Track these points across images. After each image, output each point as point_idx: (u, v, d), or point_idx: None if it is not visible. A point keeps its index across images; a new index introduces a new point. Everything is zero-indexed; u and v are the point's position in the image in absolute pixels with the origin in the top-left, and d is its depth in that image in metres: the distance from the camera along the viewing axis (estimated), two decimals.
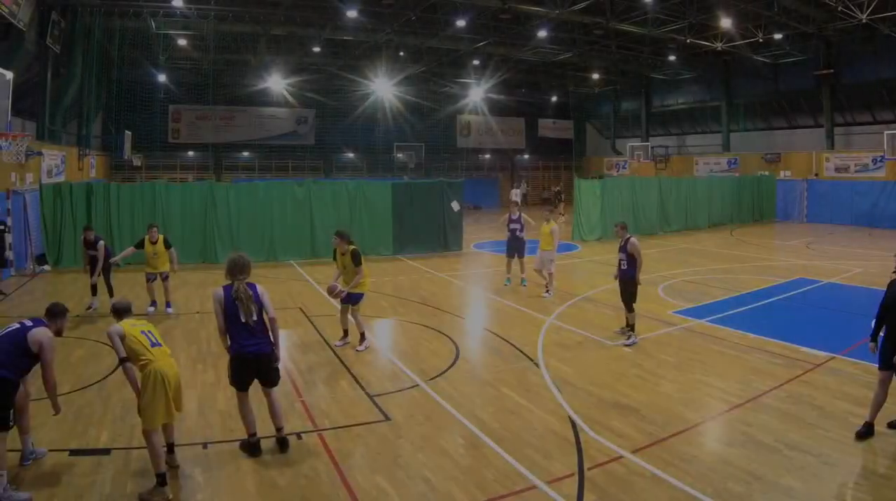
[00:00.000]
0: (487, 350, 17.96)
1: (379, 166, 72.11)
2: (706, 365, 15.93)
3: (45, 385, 10.53)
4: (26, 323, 10.54)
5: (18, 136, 20.08)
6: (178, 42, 51.58)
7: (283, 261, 32.73)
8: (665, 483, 10.03)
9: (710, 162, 65.28)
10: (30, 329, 10.38)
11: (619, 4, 44.40)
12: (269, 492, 9.93)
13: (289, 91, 63.86)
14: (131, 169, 60.43)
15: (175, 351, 16.58)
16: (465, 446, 11.54)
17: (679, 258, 33.99)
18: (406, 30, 49.37)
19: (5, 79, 19.66)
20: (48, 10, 36.86)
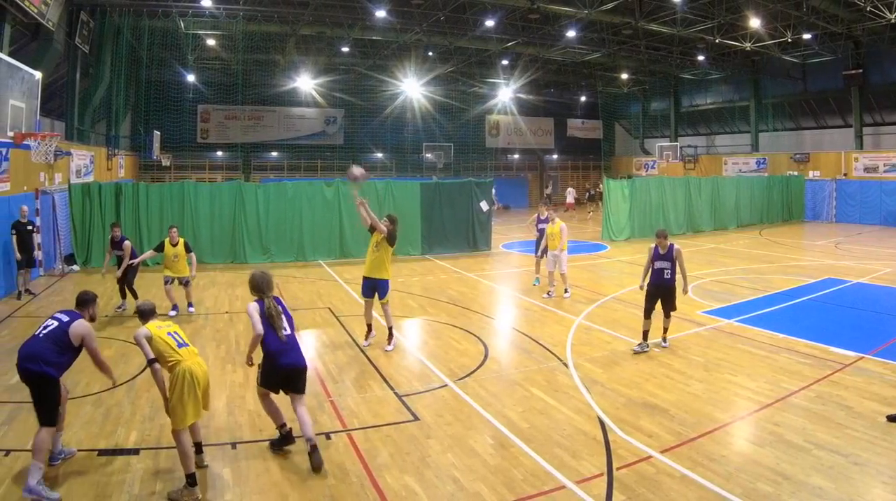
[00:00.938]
0: (516, 350, 17.91)
1: (408, 166, 72.13)
2: (735, 365, 15.87)
3: (100, 368, 11.10)
4: (62, 319, 10.80)
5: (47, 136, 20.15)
6: (206, 42, 51.87)
7: (312, 261, 32.72)
8: (694, 483, 10.01)
9: (738, 162, 65.04)
10: (69, 324, 10.68)
11: (648, 4, 44.45)
12: (298, 492, 9.94)
13: (317, 91, 63.98)
14: (160, 169, 60.68)
15: (204, 351, 16.85)
16: (494, 446, 11.51)
17: (708, 258, 33.87)
18: (435, 29, 49.38)
19: (34, 79, 19.74)
20: (77, 10, 37.08)
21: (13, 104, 18.05)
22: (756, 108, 63.88)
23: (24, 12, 28.45)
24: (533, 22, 49.91)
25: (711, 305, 22.58)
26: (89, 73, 42.19)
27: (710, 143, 70.54)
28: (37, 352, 10.34)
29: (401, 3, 45.14)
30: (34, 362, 10.23)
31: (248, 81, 61.73)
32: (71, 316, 10.88)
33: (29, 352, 10.34)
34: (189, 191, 31.94)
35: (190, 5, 42.61)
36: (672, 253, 17.38)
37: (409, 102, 66.31)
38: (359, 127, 70.36)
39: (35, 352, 10.34)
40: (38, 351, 10.37)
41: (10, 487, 9.89)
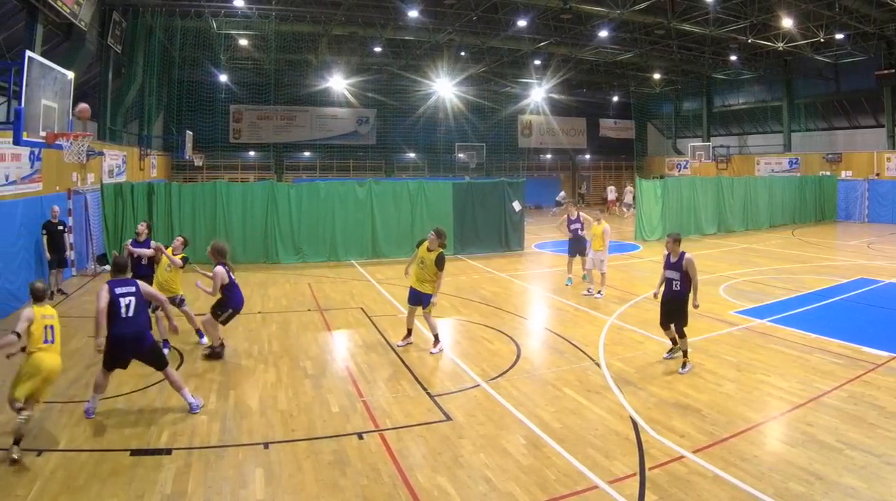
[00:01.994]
0: (548, 350, 17.94)
1: (440, 166, 72.18)
2: (767, 365, 15.84)
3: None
4: (129, 288, 12.29)
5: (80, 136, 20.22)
6: (239, 42, 51.95)
7: (345, 261, 32.81)
8: (726, 484, 10.01)
9: (771, 162, 64.77)
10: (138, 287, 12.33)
11: (681, 4, 44.32)
12: (330, 492, 9.98)
13: (350, 91, 64.03)
14: (192, 169, 60.87)
15: (236, 350, 17.07)
16: (527, 446, 11.53)
17: (740, 258, 33.80)
18: (467, 29, 49.39)
19: (67, 79, 19.79)
20: (109, 10, 37.18)
21: (45, 104, 18.12)
22: (788, 108, 63.57)
23: (57, 12, 28.60)
24: (565, 22, 49.85)
25: (744, 305, 22.54)
26: (122, 73, 42.35)
27: (743, 143, 70.28)
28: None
29: (433, 3, 45.17)
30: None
31: (280, 81, 62.00)
32: (128, 283, 12.34)
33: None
34: (221, 191, 32.04)
35: (222, 5, 42.83)
36: (682, 263, 16.34)
37: (441, 102, 66.29)
38: (391, 127, 70.44)
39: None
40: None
41: (44, 486, 9.97)
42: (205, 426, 12.36)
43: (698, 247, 38.12)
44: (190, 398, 12.80)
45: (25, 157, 23.80)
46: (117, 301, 12.28)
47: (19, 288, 22.19)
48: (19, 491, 9.77)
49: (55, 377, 12.15)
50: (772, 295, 24.43)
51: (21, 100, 16.48)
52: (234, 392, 14.20)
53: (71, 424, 12.36)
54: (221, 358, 16.61)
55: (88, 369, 15.64)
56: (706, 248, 37.59)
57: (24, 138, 16.77)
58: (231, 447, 11.52)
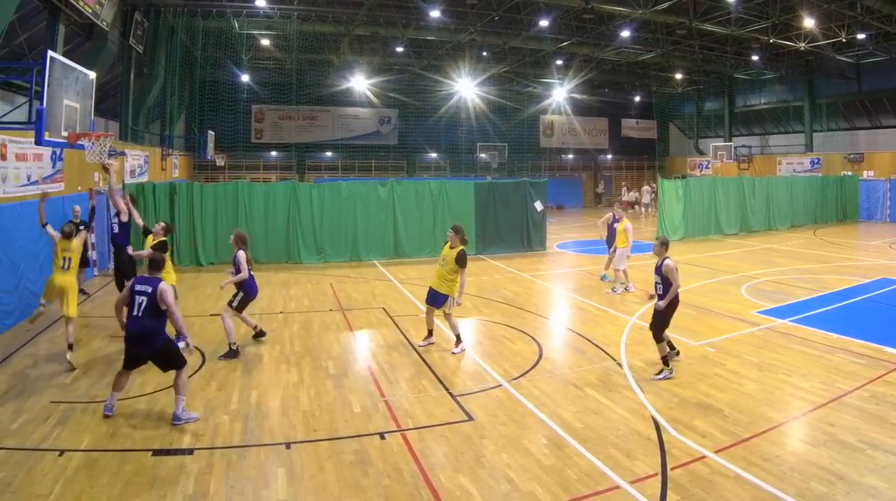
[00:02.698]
0: (570, 349, 17.95)
1: (462, 166, 72.21)
2: (789, 365, 15.83)
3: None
4: (146, 287, 12.42)
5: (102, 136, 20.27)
6: (260, 42, 51.99)
7: (366, 261, 32.85)
8: (748, 484, 10.00)
9: (793, 162, 64.63)
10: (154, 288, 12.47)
11: (703, 4, 44.27)
12: (353, 492, 10.00)
13: (372, 91, 64.07)
14: (214, 169, 61.11)
15: (258, 351, 17.13)
16: (548, 446, 11.53)
17: (761, 258, 33.71)
18: (489, 29, 49.28)
19: (88, 79, 19.82)
20: (131, 10, 37.35)
21: (67, 104, 18.15)
22: (810, 108, 63.43)
23: (79, 12, 28.71)
24: (587, 22, 49.80)
25: (765, 305, 22.48)
26: (143, 73, 42.50)
27: (765, 143, 70.09)
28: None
29: (455, 3, 45.19)
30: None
31: (302, 81, 61.98)
32: (151, 282, 12.46)
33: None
34: (243, 192, 32.08)
35: (244, 5, 42.91)
36: (661, 268, 16.13)
37: (463, 102, 66.25)
38: (413, 127, 70.63)
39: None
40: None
41: (66, 486, 10.01)
42: (227, 426, 12.40)
43: (720, 246, 38.29)
44: (180, 409, 12.58)
45: (47, 157, 23.89)
46: (133, 297, 12.41)
47: (41, 287, 22.22)
48: (41, 491, 9.81)
49: (68, 290, 16.62)
50: (793, 295, 24.36)
51: (43, 100, 16.54)
52: (255, 392, 14.22)
53: (93, 424, 12.35)
54: (238, 357, 16.73)
55: (110, 368, 15.65)
56: (728, 248, 37.61)
57: (45, 138, 16.82)
58: (253, 447, 11.54)
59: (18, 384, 14.63)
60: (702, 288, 25.59)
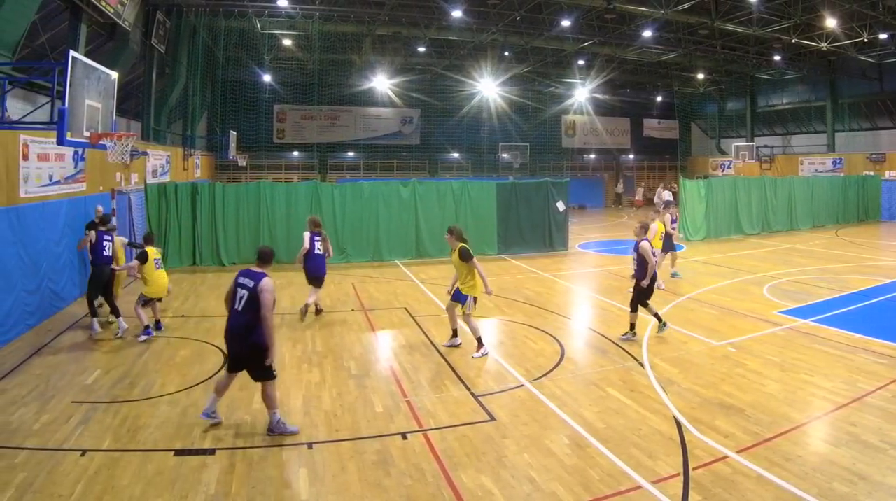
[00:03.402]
0: (592, 349, 17.93)
1: (484, 166, 72.29)
2: (811, 365, 15.78)
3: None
4: (249, 281, 12.23)
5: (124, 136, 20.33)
6: (282, 42, 52.22)
7: (388, 261, 32.85)
8: (770, 484, 9.99)
9: (815, 162, 64.45)
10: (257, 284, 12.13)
11: (724, 4, 44.33)
12: (375, 492, 10.04)
13: (393, 91, 64.13)
14: (236, 169, 61.21)
15: (280, 350, 16.91)
16: (570, 446, 11.54)
17: (783, 258, 33.59)
18: (511, 29, 49.38)
19: (111, 79, 19.85)
20: (153, 10, 37.48)
21: (89, 104, 18.18)
22: (832, 108, 63.26)
23: (101, 12, 28.84)
24: (609, 22, 49.86)
25: (787, 305, 22.42)
26: (165, 73, 42.65)
27: (787, 143, 69.86)
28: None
29: (477, 3, 45.29)
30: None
31: (324, 81, 61.95)
32: (256, 276, 12.32)
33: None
34: (265, 192, 32.11)
35: (266, 5, 43.04)
36: (638, 248, 18.26)
37: (485, 102, 66.24)
38: (435, 127, 70.79)
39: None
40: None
41: (87, 486, 10.07)
42: (248, 426, 12.46)
43: (742, 246, 38.22)
44: (275, 422, 12.12)
45: (69, 157, 23.96)
46: (236, 291, 12.27)
47: (63, 287, 22.36)
48: (63, 491, 9.87)
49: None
50: (815, 295, 24.28)
51: (65, 100, 16.57)
52: (277, 391, 13.96)
53: (115, 424, 12.43)
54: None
55: (132, 368, 15.90)
56: (750, 248, 37.51)
57: (67, 138, 16.85)
58: (275, 447, 11.60)
59: (41, 384, 14.70)
60: (724, 288, 25.56)
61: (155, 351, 17.35)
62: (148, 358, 16.74)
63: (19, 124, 18.75)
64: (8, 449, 11.29)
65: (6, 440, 11.68)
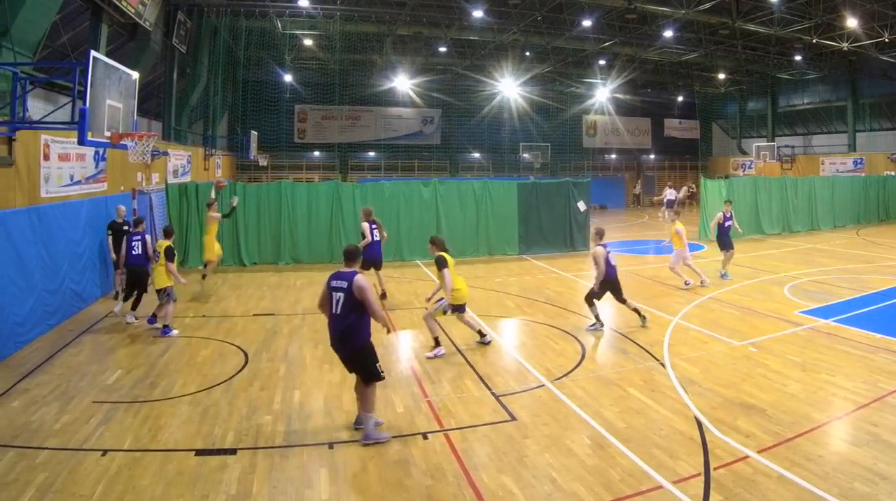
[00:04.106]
0: (613, 349, 17.94)
1: (505, 166, 72.34)
2: (832, 365, 15.75)
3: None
4: (342, 282, 12.07)
5: (144, 136, 20.40)
6: (303, 42, 52.47)
7: (409, 261, 32.95)
8: (791, 484, 9.98)
9: (836, 162, 64.38)
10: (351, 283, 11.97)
11: (745, 4, 44.35)
12: (395, 492, 10.06)
13: (414, 91, 64.29)
14: (257, 169, 61.56)
15: (301, 351, 17.34)
16: (591, 446, 11.55)
17: (804, 258, 33.54)
18: (532, 30, 49.55)
19: (131, 79, 19.93)
20: (174, 10, 37.71)
21: (110, 104, 18.24)
22: (853, 108, 63.16)
23: (122, 12, 29.04)
24: (630, 22, 49.97)
25: (808, 305, 22.37)
26: (186, 73, 42.85)
27: (807, 143, 69.72)
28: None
29: (498, 4, 45.46)
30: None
31: (345, 81, 62.28)
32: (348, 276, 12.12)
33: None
34: (286, 192, 32.18)
35: (287, 5, 43.28)
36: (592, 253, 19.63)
37: (506, 102, 66.15)
38: (456, 127, 71.06)
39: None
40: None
41: (108, 486, 10.11)
42: (269, 426, 12.48)
43: (763, 246, 38.18)
44: (371, 427, 11.99)
45: (90, 157, 24.09)
46: (331, 295, 12.20)
47: (84, 288, 22.43)
48: (84, 491, 9.91)
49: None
50: (837, 295, 24.22)
51: (86, 100, 16.65)
52: (298, 392, 14.31)
53: (136, 425, 12.48)
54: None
55: (153, 368, 15.97)
56: (770, 248, 37.47)
57: (88, 138, 16.92)
58: (296, 447, 11.62)
59: (62, 384, 14.75)
60: (745, 289, 25.52)
61: (176, 351, 17.40)
62: (169, 359, 16.80)
63: (40, 124, 18.90)
64: (29, 449, 11.34)
65: (27, 440, 11.74)
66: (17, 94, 18.03)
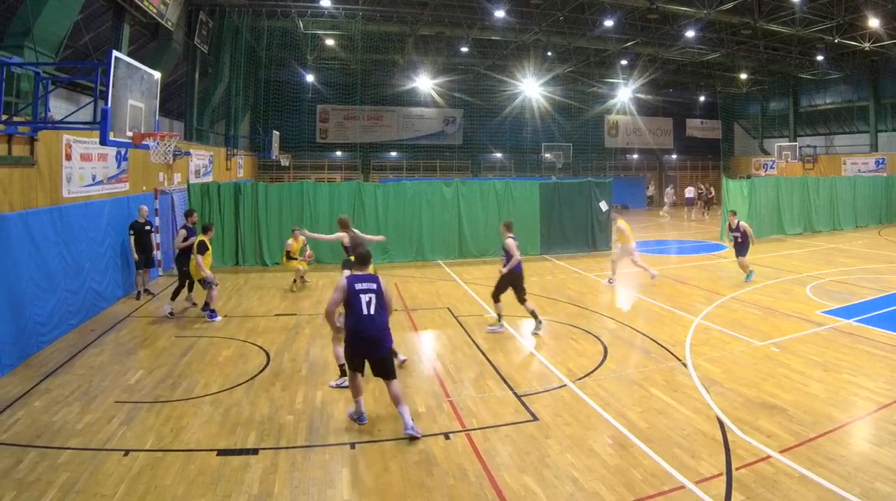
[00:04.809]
0: (635, 349, 17.94)
1: (526, 166, 72.13)
2: (854, 365, 15.74)
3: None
4: (370, 284, 12.21)
5: (166, 136, 20.44)
6: (325, 42, 52.47)
7: (431, 261, 32.95)
8: (813, 484, 10.00)
9: (857, 162, 63.99)
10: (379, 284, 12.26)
11: (767, 4, 44.20)
12: (417, 492, 10.11)
13: (436, 91, 64.11)
14: (279, 169, 61.62)
15: (323, 352, 17.32)
16: (613, 446, 11.57)
17: (826, 258, 33.45)
18: (554, 29, 49.40)
19: (153, 79, 19.94)
20: (196, 10, 37.78)
21: (132, 104, 18.26)
22: (875, 108, 62.75)
23: (144, 12, 29.14)
24: (652, 22, 49.84)
25: (830, 305, 22.33)
26: (208, 73, 42.92)
27: (829, 143, 69.38)
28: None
29: (520, 4, 45.45)
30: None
31: (366, 81, 62.11)
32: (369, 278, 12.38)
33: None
34: (308, 191, 32.30)
35: (309, 5, 43.33)
36: (504, 244, 19.35)
37: (527, 102, 65.83)
38: (478, 127, 70.81)
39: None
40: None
41: (130, 486, 10.19)
42: (291, 426, 12.53)
43: (785, 246, 38.13)
44: (408, 418, 12.22)
45: (112, 157, 24.12)
46: (357, 297, 12.14)
47: (106, 287, 22.53)
48: (106, 491, 9.99)
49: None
50: (858, 295, 24.17)
51: (108, 99, 16.67)
52: (320, 392, 14.35)
53: (158, 424, 12.56)
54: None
55: (175, 368, 16.06)
56: (792, 248, 37.39)
57: (110, 138, 16.95)
58: (317, 447, 11.68)
59: (83, 384, 14.84)
60: (767, 289, 25.48)
61: (198, 351, 17.47)
62: (191, 359, 16.87)
63: (62, 124, 18.92)
64: (51, 449, 11.43)
65: (49, 440, 11.82)
66: (39, 94, 18.08)
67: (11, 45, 20.13)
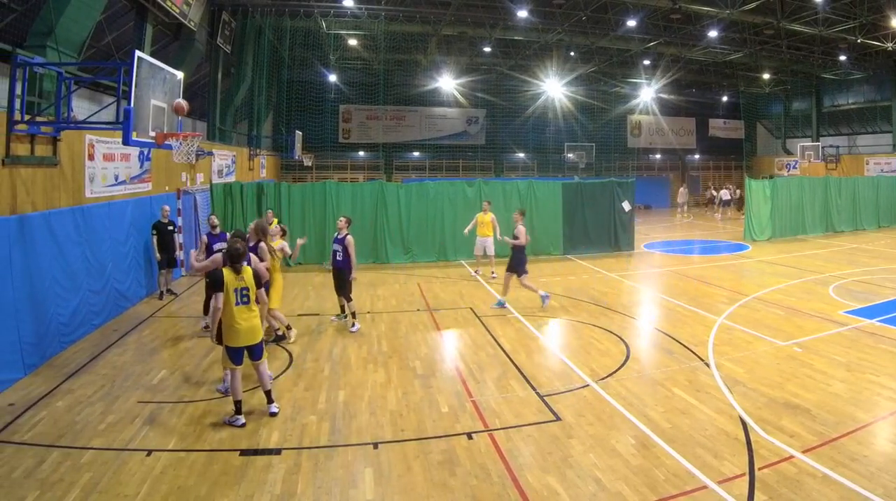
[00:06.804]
0: (658, 349, 17.93)
1: (549, 166, 71.97)
2: (877, 365, 15.72)
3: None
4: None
5: (189, 136, 20.47)
6: (348, 42, 52.63)
7: (454, 261, 32.97)
8: (836, 484, 10.00)
9: (880, 162, 63.66)
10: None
11: (790, 4, 44.03)
12: (440, 492, 10.16)
13: (459, 91, 64.13)
14: (301, 169, 61.65)
15: (345, 351, 17.43)
16: (636, 446, 11.59)
17: (849, 258, 33.34)
18: (576, 29, 49.31)
19: (176, 79, 19.96)
20: (218, 10, 37.86)
21: (155, 104, 18.28)
22: None
23: (166, 12, 29.26)
24: (674, 22, 49.70)
25: (853, 305, 22.28)
26: (231, 73, 43.04)
27: (852, 143, 69.15)
28: None
29: (542, 4, 45.39)
30: None
31: (389, 81, 62.06)
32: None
33: None
34: (331, 192, 32.29)
35: (332, 5, 43.32)
36: (344, 240, 19.84)
37: (550, 102, 65.55)
38: (500, 127, 70.70)
39: None
40: None
41: (153, 486, 10.27)
42: (314, 426, 12.57)
43: (807, 246, 38.01)
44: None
45: (135, 157, 24.19)
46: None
47: (129, 287, 22.61)
48: (129, 492, 10.06)
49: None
50: (881, 295, 24.11)
51: (130, 100, 16.71)
52: (343, 392, 14.38)
53: (180, 425, 12.63)
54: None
55: (197, 368, 16.16)
56: (815, 248, 37.28)
57: (133, 138, 16.99)
58: (340, 447, 11.71)
59: (106, 384, 14.92)
60: (790, 289, 25.46)
61: (219, 351, 17.50)
62: (213, 358, 16.86)
63: (85, 124, 18.98)
64: (74, 449, 11.50)
65: (72, 440, 11.89)
66: (62, 94, 18.11)
67: (34, 45, 20.23)
